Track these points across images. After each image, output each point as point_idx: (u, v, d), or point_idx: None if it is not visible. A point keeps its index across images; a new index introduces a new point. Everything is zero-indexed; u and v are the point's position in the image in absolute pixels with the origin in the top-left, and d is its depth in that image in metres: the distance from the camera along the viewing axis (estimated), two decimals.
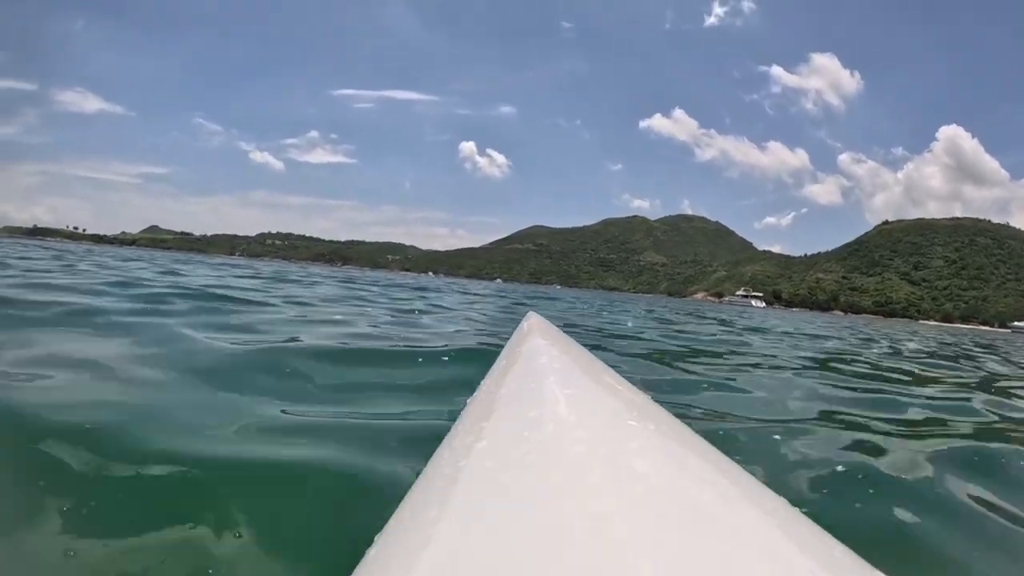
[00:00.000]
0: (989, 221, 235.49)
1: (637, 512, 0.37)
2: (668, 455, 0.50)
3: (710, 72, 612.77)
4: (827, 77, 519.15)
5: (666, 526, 0.36)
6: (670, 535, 0.35)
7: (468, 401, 0.82)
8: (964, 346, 12.67)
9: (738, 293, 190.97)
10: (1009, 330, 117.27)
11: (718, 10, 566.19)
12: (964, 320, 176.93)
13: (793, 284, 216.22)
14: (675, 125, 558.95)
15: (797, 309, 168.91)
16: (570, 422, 0.55)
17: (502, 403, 0.71)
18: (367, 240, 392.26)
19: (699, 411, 2.48)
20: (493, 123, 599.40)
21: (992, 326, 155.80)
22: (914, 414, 3.00)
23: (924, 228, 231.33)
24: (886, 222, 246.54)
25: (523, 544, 0.36)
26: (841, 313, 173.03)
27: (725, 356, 5.08)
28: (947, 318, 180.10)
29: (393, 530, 0.47)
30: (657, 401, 0.73)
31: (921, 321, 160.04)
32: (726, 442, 1.96)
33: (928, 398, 3.62)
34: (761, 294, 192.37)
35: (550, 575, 0.32)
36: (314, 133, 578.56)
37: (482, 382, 0.94)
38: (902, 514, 1.50)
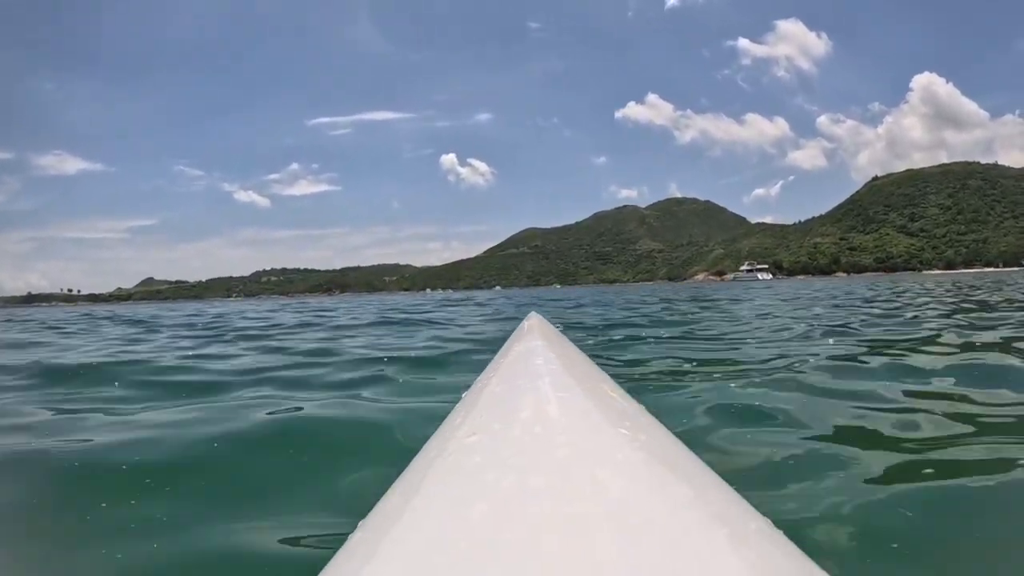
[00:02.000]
0: (978, 163, 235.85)
1: (614, 519, 0.38)
2: (654, 467, 0.50)
3: (678, 53, 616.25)
4: (795, 43, 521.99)
5: (641, 537, 0.36)
6: (643, 546, 0.35)
7: (463, 396, 0.83)
8: None
9: (742, 268, 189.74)
10: (1022, 267, 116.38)
11: None
12: (967, 265, 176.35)
13: (792, 252, 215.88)
14: (651, 111, 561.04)
15: (802, 277, 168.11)
16: (560, 425, 0.56)
17: (494, 401, 0.72)
18: (362, 265, 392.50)
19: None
20: (471, 132, 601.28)
21: (997, 267, 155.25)
22: None
23: (914, 178, 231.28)
24: (876, 177, 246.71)
25: (498, 541, 0.36)
26: (844, 275, 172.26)
27: None
28: (950, 265, 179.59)
29: (376, 518, 0.48)
30: (651, 412, 0.72)
31: (925, 272, 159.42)
32: None
33: None
34: (766, 266, 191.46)
35: (521, 573, 0.33)
36: (295, 165, 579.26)
37: (477, 379, 0.94)
38: None
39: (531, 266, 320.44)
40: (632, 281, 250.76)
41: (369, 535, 0.44)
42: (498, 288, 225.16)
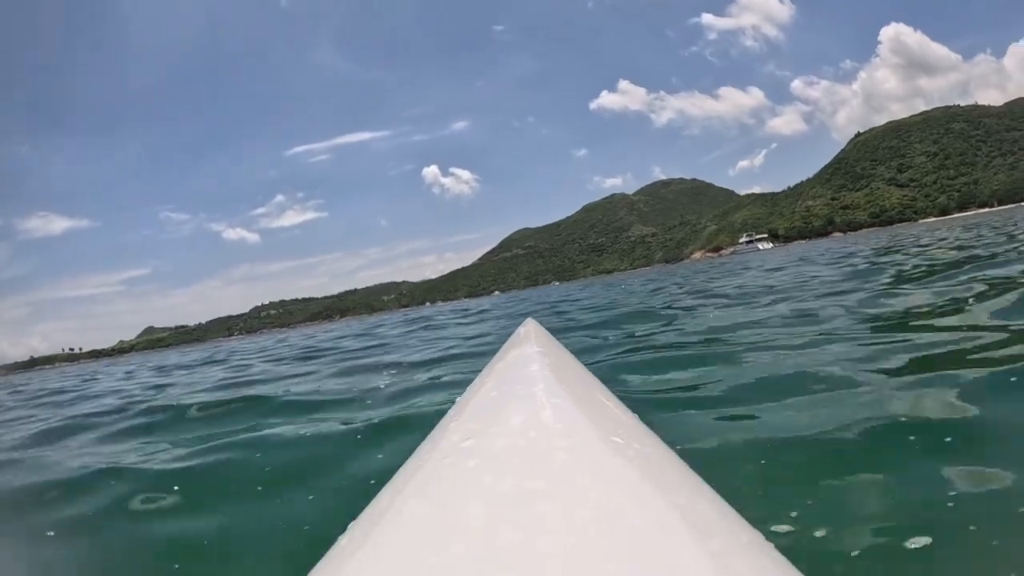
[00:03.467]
0: (958, 106, 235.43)
1: (603, 528, 0.38)
2: (646, 476, 0.50)
3: (643, 37, 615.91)
4: (758, 11, 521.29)
5: (629, 547, 0.36)
6: (632, 556, 0.35)
7: (456, 401, 0.83)
8: None
9: (741, 240, 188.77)
10: (1018, 204, 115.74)
11: None
12: (962, 208, 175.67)
13: (785, 218, 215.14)
14: (624, 97, 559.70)
15: (804, 242, 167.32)
16: (553, 431, 0.56)
17: (487, 406, 0.72)
18: (359, 287, 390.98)
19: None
20: (450, 142, 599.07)
21: (992, 206, 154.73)
22: None
23: (897, 129, 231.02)
24: (859, 134, 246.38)
25: (490, 543, 0.36)
26: (840, 234, 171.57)
27: None
28: (945, 211, 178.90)
29: (367, 519, 0.47)
30: (644, 421, 0.73)
31: (921, 221, 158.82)
32: None
33: None
34: (765, 235, 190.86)
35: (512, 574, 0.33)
36: (280, 197, 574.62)
37: (472, 383, 0.94)
38: None
39: (527, 267, 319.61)
40: (630, 268, 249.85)
41: (359, 536, 0.44)
42: (497, 293, 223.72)
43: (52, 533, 2.04)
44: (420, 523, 0.41)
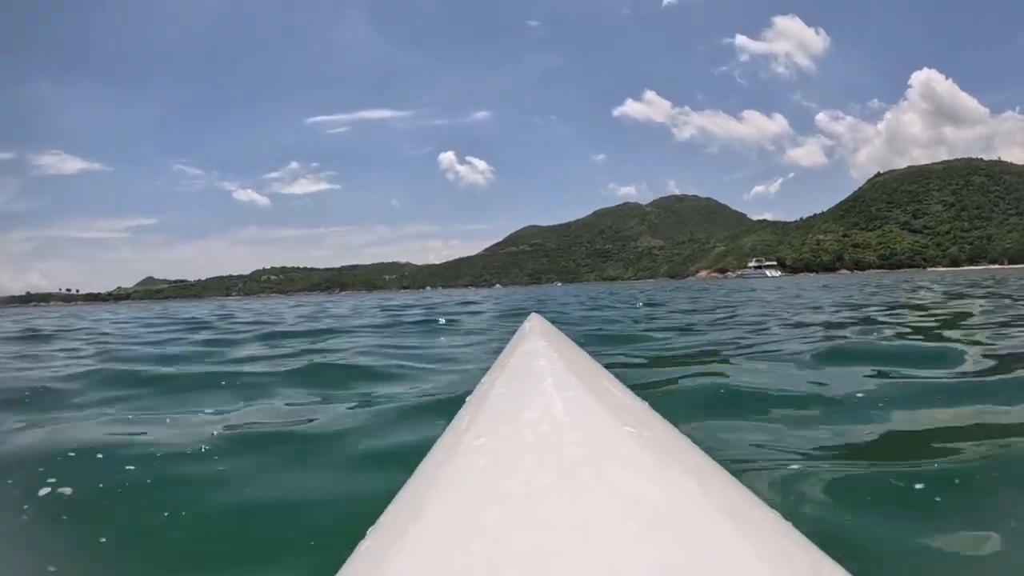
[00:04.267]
0: (981, 159, 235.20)
1: (625, 517, 0.37)
2: (662, 463, 0.50)
3: (675, 51, 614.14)
4: (793, 39, 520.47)
5: (654, 533, 0.36)
6: (657, 542, 0.35)
7: (467, 400, 0.83)
8: None
9: (750, 264, 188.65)
10: None
11: None
12: (972, 262, 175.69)
13: (794, 249, 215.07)
14: (649, 108, 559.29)
15: (812, 275, 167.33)
16: (566, 424, 0.55)
17: (499, 403, 0.72)
18: (362, 263, 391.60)
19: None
20: (469, 130, 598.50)
21: (1001, 263, 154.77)
22: None
23: (917, 175, 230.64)
24: (878, 174, 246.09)
25: (512, 543, 0.36)
26: (848, 272, 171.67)
27: None
28: (954, 262, 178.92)
29: (386, 524, 0.47)
30: (655, 408, 0.72)
31: (929, 269, 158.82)
32: None
33: None
34: (775, 262, 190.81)
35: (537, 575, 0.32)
36: (294, 164, 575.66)
37: (481, 381, 0.93)
38: None
39: (532, 264, 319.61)
40: (633, 279, 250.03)
41: (379, 542, 0.44)
42: (498, 286, 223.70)
43: None
44: (440, 527, 0.41)
